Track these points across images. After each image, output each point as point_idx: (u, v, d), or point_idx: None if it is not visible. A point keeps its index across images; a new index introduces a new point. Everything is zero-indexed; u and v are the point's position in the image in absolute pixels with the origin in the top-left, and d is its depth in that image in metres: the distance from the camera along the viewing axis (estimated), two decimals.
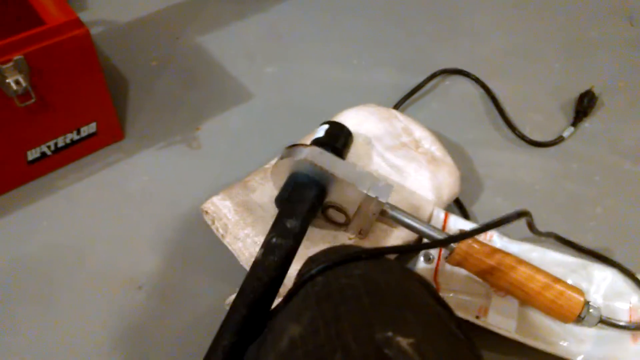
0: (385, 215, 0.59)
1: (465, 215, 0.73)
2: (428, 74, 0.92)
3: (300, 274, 0.50)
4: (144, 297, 0.64)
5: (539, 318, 0.61)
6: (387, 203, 0.58)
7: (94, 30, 0.95)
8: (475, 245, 0.58)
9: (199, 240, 0.69)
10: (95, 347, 0.60)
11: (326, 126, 0.64)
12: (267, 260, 0.52)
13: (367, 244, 0.62)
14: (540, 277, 0.57)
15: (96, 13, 1.00)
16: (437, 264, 0.64)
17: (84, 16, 0.95)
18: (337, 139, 0.63)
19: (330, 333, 0.38)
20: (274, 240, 0.53)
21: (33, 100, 0.62)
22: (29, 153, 0.69)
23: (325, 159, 0.57)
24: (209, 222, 0.65)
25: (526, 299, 0.58)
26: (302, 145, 0.58)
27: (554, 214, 0.75)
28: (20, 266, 0.65)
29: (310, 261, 0.51)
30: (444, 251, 0.60)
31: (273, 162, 0.70)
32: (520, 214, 0.51)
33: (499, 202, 0.76)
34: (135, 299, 0.63)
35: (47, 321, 0.61)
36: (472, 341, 0.45)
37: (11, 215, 0.70)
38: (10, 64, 0.58)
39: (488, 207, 0.75)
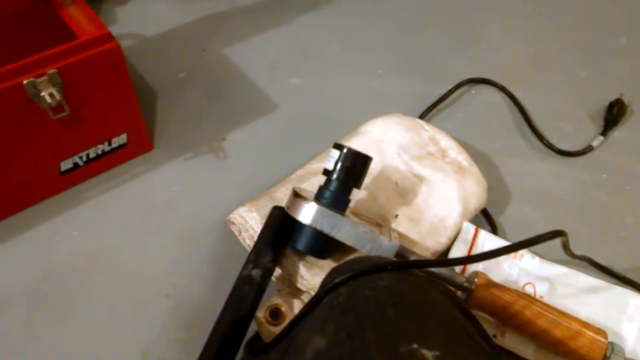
0: None
1: (492, 226, 0.72)
2: (451, 83, 0.92)
3: (324, 283, 0.50)
4: (172, 306, 0.64)
5: None
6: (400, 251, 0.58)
7: (123, 44, 0.97)
8: (496, 290, 0.57)
9: (227, 250, 0.69)
10: (124, 356, 0.61)
11: (337, 154, 0.59)
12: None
13: None
14: (564, 324, 0.55)
15: (125, 26, 1.02)
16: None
17: (114, 30, 0.96)
18: (349, 173, 0.58)
19: (354, 345, 0.38)
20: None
21: (66, 113, 0.64)
22: (61, 164, 0.71)
23: (325, 221, 0.56)
24: (236, 233, 0.65)
25: (548, 345, 0.57)
26: (304, 200, 0.57)
27: (583, 225, 0.74)
28: (51, 275, 0.67)
29: (334, 271, 0.51)
30: (460, 294, 0.59)
31: (299, 172, 0.70)
32: (555, 234, 0.50)
33: (527, 212, 0.75)
34: (163, 308, 0.64)
35: (77, 329, 0.63)
36: (498, 353, 0.44)
37: (43, 225, 0.71)
38: (45, 77, 0.60)
39: (516, 217, 0.75)
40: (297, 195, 0.58)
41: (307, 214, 0.56)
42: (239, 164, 0.80)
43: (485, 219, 0.73)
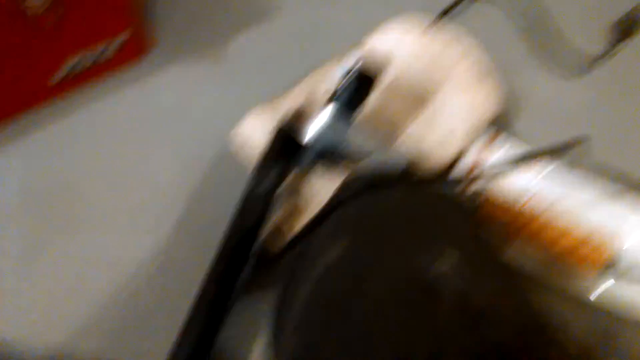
0: None
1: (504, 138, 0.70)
2: None
3: (334, 196, 0.50)
4: (180, 220, 0.64)
5: None
6: None
7: None
8: (504, 203, 0.56)
9: (229, 163, 0.67)
10: (136, 271, 0.61)
11: (345, 68, 0.57)
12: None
13: None
14: (571, 234, 0.55)
15: None
16: None
17: None
18: (358, 87, 0.57)
19: (369, 258, 0.38)
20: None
21: (55, 15, 0.60)
22: (52, 72, 0.68)
23: (332, 135, 0.56)
24: (238, 147, 0.64)
25: (555, 255, 0.57)
26: (310, 114, 0.57)
27: (599, 141, 0.72)
28: (52, 186, 0.66)
29: (344, 185, 0.51)
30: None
31: (303, 84, 0.68)
32: (575, 142, 0.48)
33: (538, 126, 0.73)
34: (171, 222, 0.64)
35: (83, 242, 0.63)
36: (509, 265, 0.45)
37: (35, 135, 0.69)
38: None
39: (526, 131, 0.73)
40: (302, 110, 0.57)
41: (314, 128, 0.56)
42: (241, 73, 0.77)
43: (497, 130, 0.71)
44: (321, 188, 0.59)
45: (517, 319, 0.37)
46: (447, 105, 0.65)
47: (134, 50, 0.75)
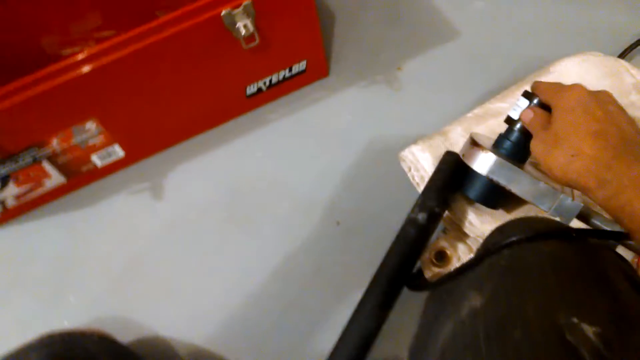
0: None
1: None
2: None
3: (487, 243, 0.50)
4: (342, 232, 0.69)
5: None
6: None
7: None
8: None
9: (396, 183, 0.71)
10: (297, 274, 0.67)
11: (525, 103, 0.54)
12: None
13: None
14: None
15: None
16: None
17: None
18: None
19: (512, 308, 0.38)
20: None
21: (256, 43, 0.67)
22: (247, 88, 0.76)
23: (502, 174, 0.54)
24: (405, 169, 0.66)
25: None
26: (481, 148, 0.55)
27: None
28: (237, 190, 0.74)
29: (499, 232, 0.50)
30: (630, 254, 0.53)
31: (477, 110, 0.67)
32: None
33: None
34: (334, 233, 0.69)
35: (258, 242, 0.70)
36: None
37: (233, 142, 0.78)
38: (240, 9, 0.63)
39: None
40: (474, 143, 0.57)
41: (484, 164, 0.55)
42: (413, 96, 0.79)
43: None
44: (483, 221, 0.59)
45: None
46: None
47: (316, 73, 0.81)
